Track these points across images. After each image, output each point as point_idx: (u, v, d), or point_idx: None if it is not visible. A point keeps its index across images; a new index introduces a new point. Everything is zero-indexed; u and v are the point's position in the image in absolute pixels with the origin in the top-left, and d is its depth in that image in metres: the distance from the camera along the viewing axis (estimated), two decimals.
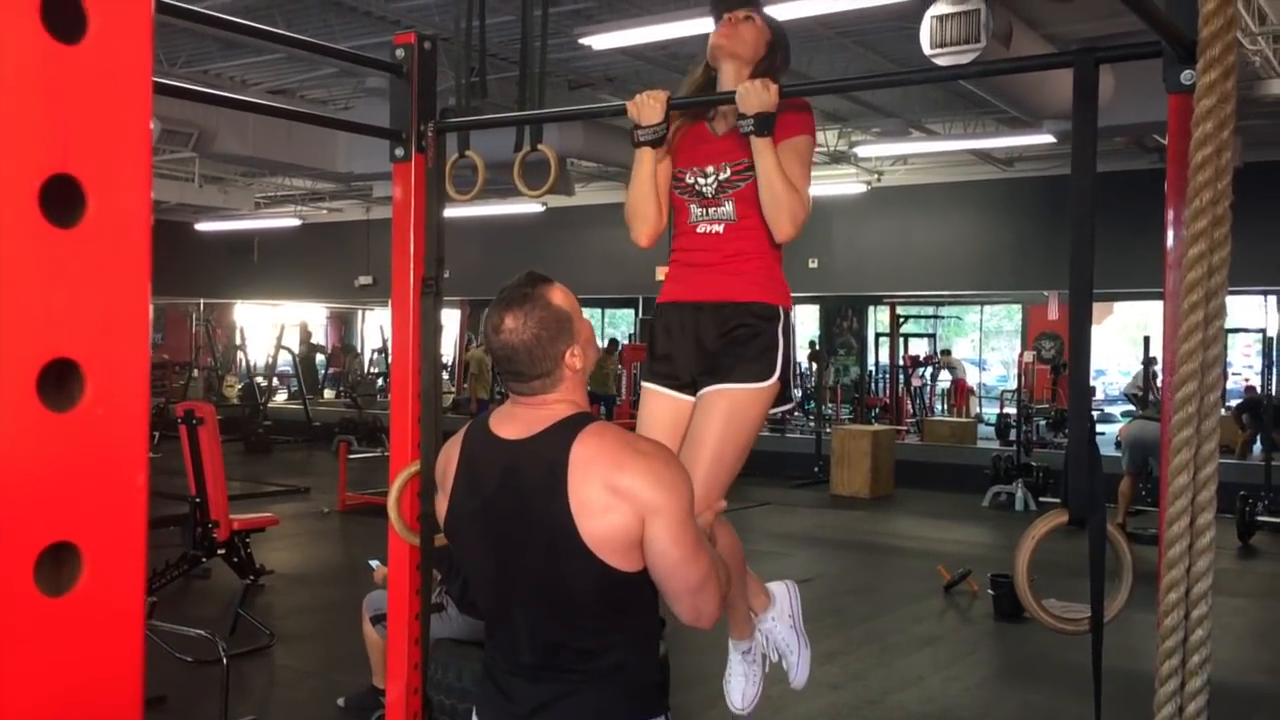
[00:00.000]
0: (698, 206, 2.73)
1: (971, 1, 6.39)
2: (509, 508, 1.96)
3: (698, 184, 2.73)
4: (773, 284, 2.72)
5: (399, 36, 2.99)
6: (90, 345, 0.46)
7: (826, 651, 5.93)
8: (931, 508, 11.12)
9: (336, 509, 10.18)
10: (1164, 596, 1.89)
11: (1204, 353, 1.90)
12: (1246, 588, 7.78)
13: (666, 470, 1.91)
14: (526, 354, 1.94)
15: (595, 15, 8.15)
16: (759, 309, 2.67)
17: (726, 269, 2.69)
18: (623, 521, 1.85)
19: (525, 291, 1.96)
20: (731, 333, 2.66)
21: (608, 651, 1.94)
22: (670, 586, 1.91)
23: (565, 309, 1.97)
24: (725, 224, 2.70)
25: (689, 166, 2.75)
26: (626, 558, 1.88)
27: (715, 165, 2.72)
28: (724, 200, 2.70)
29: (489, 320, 1.99)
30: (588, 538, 1.86)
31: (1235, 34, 1.94)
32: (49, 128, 0.44)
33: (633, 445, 1.94)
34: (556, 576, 1.91)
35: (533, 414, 1.98)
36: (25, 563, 0.44)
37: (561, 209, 14.94)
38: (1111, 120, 7.90)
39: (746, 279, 2.69)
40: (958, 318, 22.12)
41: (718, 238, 2.71)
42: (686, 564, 1.89)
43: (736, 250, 2.69)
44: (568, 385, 1.98)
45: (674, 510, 1.87)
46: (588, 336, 2.02)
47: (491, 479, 1.99)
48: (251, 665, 5.51)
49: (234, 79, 10.83)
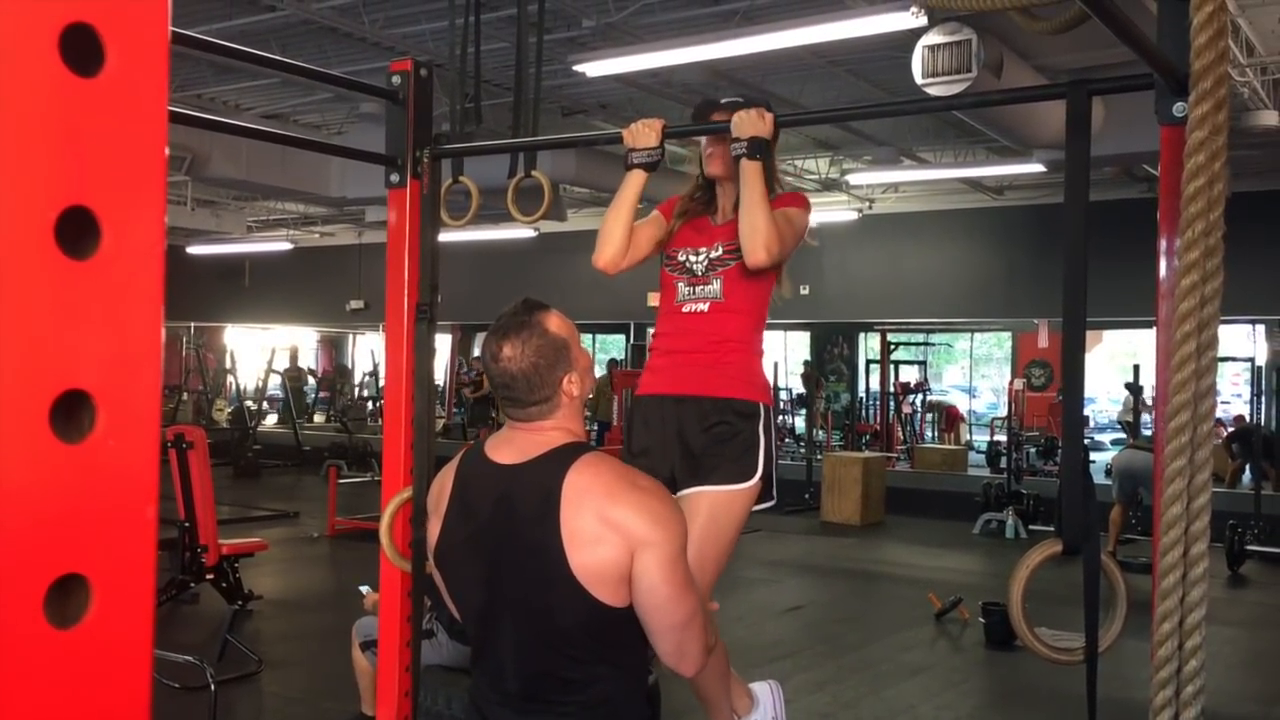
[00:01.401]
0: (686, 285, 2.76)
1: (963, 32, 6.44)
2: (501, 533, 1.94)
3: (689, 261, 2.77)
4: (754, 380, 2.75)
5: (395, 63, 3.01)
6: (102, 376, 0.46)
7: (817, 680, 5.90)
8: (922, 535, 11.11)
9: (326, 534, 10.12)
10: (1158, 626, 1.89)
11: (1197, 382, 1.90)
12: (1237, 616, 7.78)
13: (661, 506, 1.90)
14: (525, 381, 1.93)
15: (589, 43, 8.21)
16: (740, 406, 2.68)
17: (709, 359, 2.70)
18: (613, 554, 1.84)
19: (523, 319, 1.95)
20: (712, 429, 2.66)
21: (594, 683, 1.92)
22: (655, 623, 1.89)
23: (563, 336, 1.97)
24: (711, 303, 2.72)
25: (683, 247, 2.80)
26: (615, 592, 1.85)
27: (708, 245, 2.76)
28: (712, 278, 2.72)
29: (486, 347, 1.99)
30: (577, 570, 1.84)
31: (1226, 67, 1.96)
32: (65, 160, 0.44)
33: (628, 478, 1.93)
34: (544, 606, 1.90)
35: (528, 439, 1.97)
36: (35, 595, 0.44)
37: (554, 234, 14.97)
38: (1101, 150, 7.95)
39: (728, 374, 2.70)
40: (948, 345, 22.17)
41: (702, 318, 2.72)
42: (674, 601, 1.87)
43: (721, 338, 2.70)
44: (565, 413, 1.98)
45: (666, 546, 1.85)
46: (585, 365, 2.02)
47: (485, 504, 1.98)
48: (239, 692, 5.46)
49: (228, 103, 10.86)
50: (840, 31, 6.85)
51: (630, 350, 18.48)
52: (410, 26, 8.19)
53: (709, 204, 2.88)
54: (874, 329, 18.27)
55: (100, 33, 0.44)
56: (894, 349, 17.93)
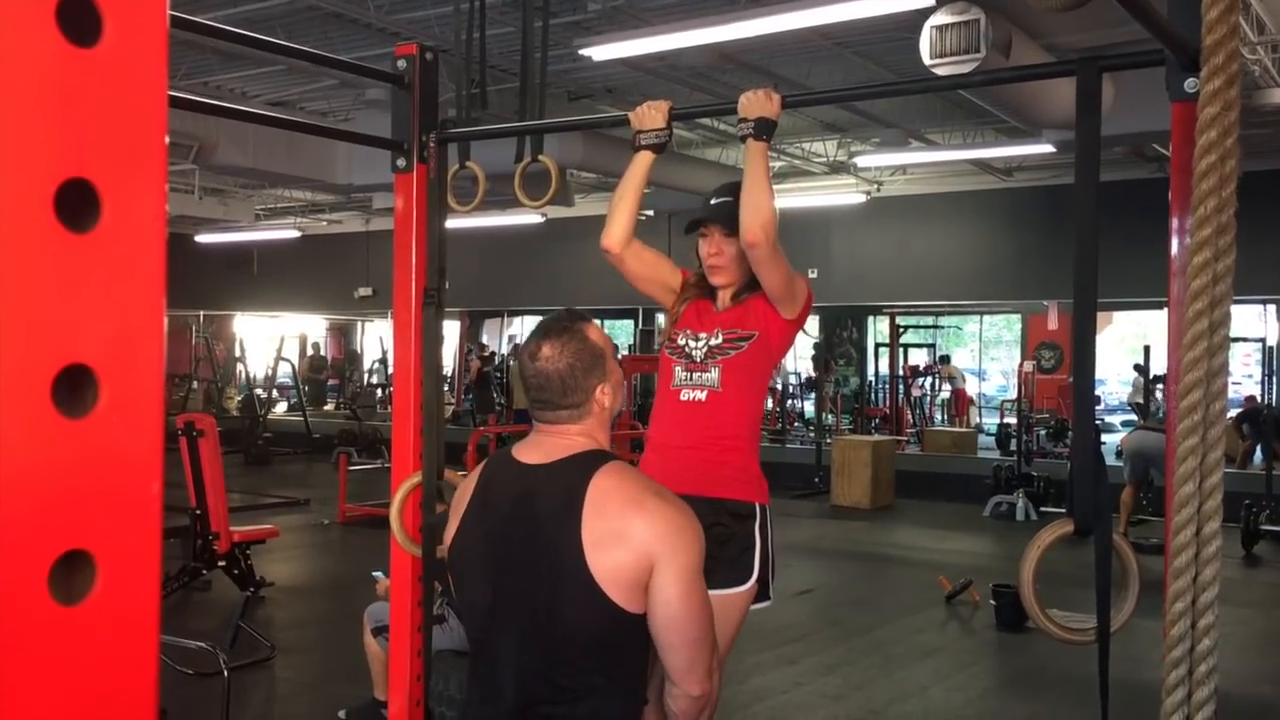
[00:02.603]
0: (683, 370, 2.75)
1: (971, 12, 6.39)
2: (519, 529, 1.96)
3: (688, 346, 2.76)
4: (751, 479, 2.73)
5: (401, 47, 2.99)
6: (105, 351, 0.45)
7: (828, 662, 5.91)
8: (932, 518, 11.10)
9: (336, 521, 10.15)
10: (1170, 606, 1.88)
11: (1209, 360, 1.89)
12: (1251, 597, 7.77)
13: (682, 519, 1.92)
14: (560, 382, 1.97)
15: (595, 27, 8.17)
16: (736, 508, 2.67)
17: (705, 457, 2.68)
18: (631, 559, 1.85)
19: (565, 324, 2.01)
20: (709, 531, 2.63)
21: (588, 695, 1.92)
22: (669, 637, 1.90)
23: (601, 346, 2.02)
24: (709, 392, 2.71)
25: (684, 329, 2.79)
26: (629, 596, 1.87)
27: (709, 331, 2.75)
28: (710, 366, 2.71)
29: (526, 348, 2.03)
30: (594, 569, 1.85)
31: (1238, 42, 1.94)
32: (64, 132, 0.43)
33: (653, 488, 1.96)
34: (555, 605, 1.90)
35: (555, 442, 2.00)
36: (39, 571, 0.44)
37: (561, 220, 14.95)
38: (1111, 130, 7.88)
39: (725, 474, 2.68)
40: (957, 327, 22.13)
41: (699, 408, 2.71)
42: (690, 617, 1.89)
43: (718, 433, 2.69)
44: (594, 421, 2.02)
45: (685, 561, 1.87)
46: (618, 379, 2.06)
47: (506, 501, 2.00)
48: (252, 678, 5.48)
49: (234, 91, 10.85)
50: (847, 12, 6.81)
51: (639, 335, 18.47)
52: (415, 11, 8.16)
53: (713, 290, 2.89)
54: (883, 312, 18.25)
55: (98, 3, 0.44)
56: (903, 332, 17.91)
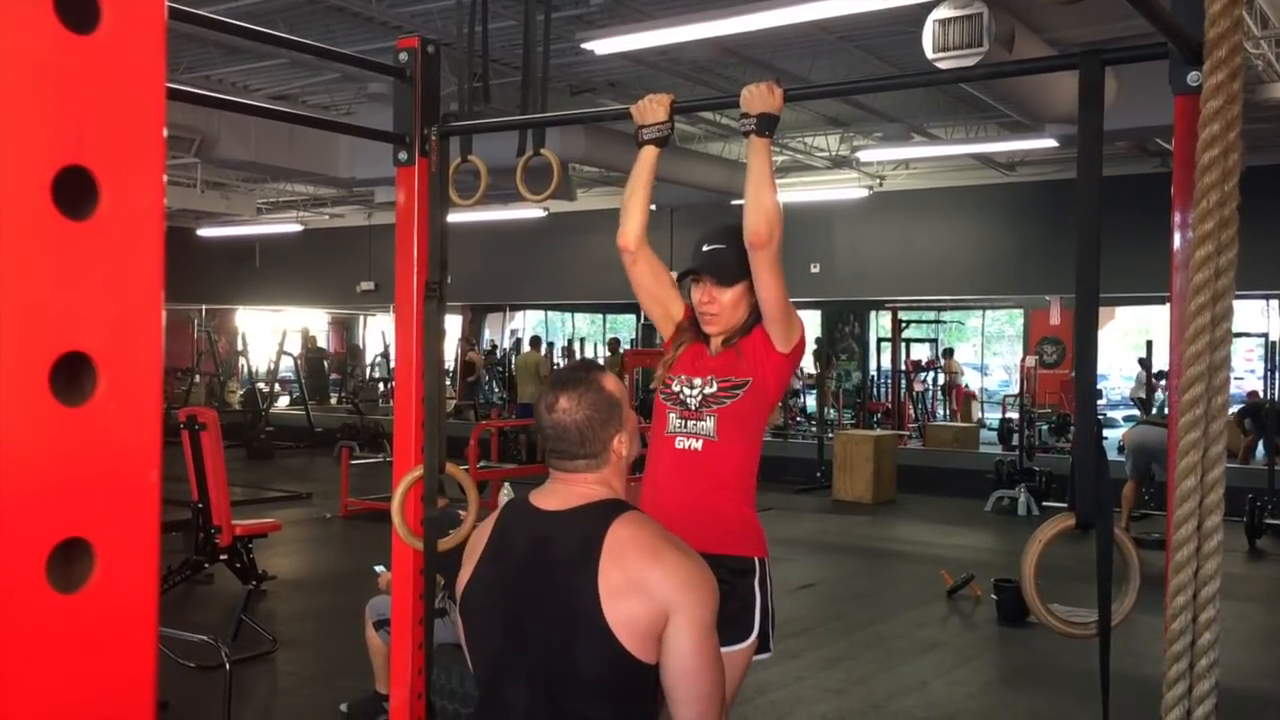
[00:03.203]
0: (678, 417, 2.73)
1: (974, 6, 6.38)
2: (534, 575, 1.96)
3: (683, 393, 2.74)
4: (749, 531, 2.72)
5: (402, 40, 2.98)
6: (103, 338, 0.45)
7: (829, 657, 5.91)
8: (934, 513, 11.10)
9: (339, 514, 10.16)
10: (1171, 600, 1.87)
11: (1211, 355, 1.89)
12: (1253, 592, 7.76)
13: (699, 572, 1.92)
14: (578, 433, 1.98)
15: (597, 20, 8.16)
16: (734, 563, 2.64)
17: (702, 511, 2.65)
18: (646, 611, 1.86)
19: (581, 375, 2.03)
20: None
21: None
22: (680, 690, 1.89)
23: (617, 396, 2.03)
24: (704, 441, 2.69)
25: (679, 374, 2.77)
26: (643, 646, 1.87)
27: (703, 378, 2.73)
28: (705, 415, 2.70)
29: (543, 399, 2.03)
30: (610, 617, 1.86)
31: (1241, 35, 1.94)
32: (62, 119, 0.43)
33: (670, 540, 1.96)
34: (568, 652, 1.90)
35: (572, 490, 2.01)
36: (38, 559, 0.44)
37: (563, 214, 14.94)
38: (1114, 124, 7.87)
39: (721, 527, 2.66)
40: (959, 322, 22.12)
41: (695, 458, 2.69)
42: (702, 671, 1.89)
43: (715, 483, 2.68)
44: (611, 470, 2.03)
45: (700, 615, 1.88)
46: (633, 427, 2.06)
47: (522, 546, 2.00)
48: (254, 671, 5.49)
49: (236, 84, 10.85)
50: (850, 6, 6.80)
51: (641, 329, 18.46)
52: (417, 5, 8.15)
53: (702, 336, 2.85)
54: (885, 307, 18.24)
55: None
56: (905, 327, 17.90)
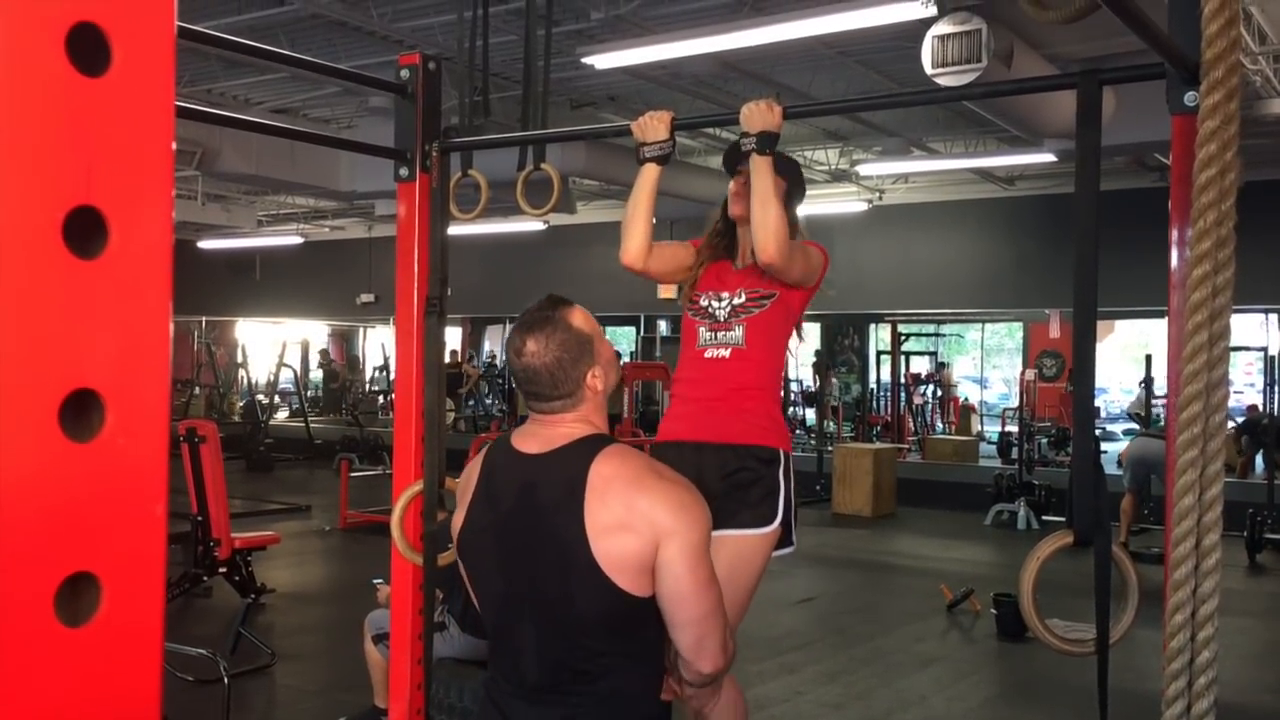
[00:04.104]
0: (707, 330, 2.78)
1: (973, 22, 6.41)
2: (525, 520, 1.96)
3: (711, 306, 2.79)
4: (774, 426, 2.76)
5: (404, 57, 3.00)
6: (111, 375, 0.46)
7: (828, 671, 5.90)
8: (933, 526, 11.09)
9: (338, 527, 10.15)
10: (1170, 618, 1.88)
11: (1209, 373, 1.89)
12: (1253, 607, 7.75)
13: (687, 495, 1.92)
14: (548, 376, 1.96)
15: (598, 35, 8.19)
16: (760, 453, 2.69)
17: (729, 406, 2.71)
18: (637, 544, 1.85)
19: (547, 314, 1.98)
20: (734, 475, 2.67)
21: (606, 675, 1.93)
22: (678, 615, 1.90)
23: (586, 331, 1.99)
24: (733, 349, 2.74)
25: (706, 291, 2.82)
26: (636, 581, 1.87)
27: (731, 291, 2.79)
28: (735, 324, 2.75)
29: (510, 343, 2.01)
30: (600, 557, 1.86)
31: (1238, 56, 1.95)
32: (73, 160, 0.44)
33: (654, 469, 1.96)
34: (565, 593, 1.91)
35: (552, 432, 2.00)
36: (46, 593, 0.45)
37: (563, 227, 14.96)
38: (1113, 140, 7.90)
39: (749, 420, 2.71)
40: (959, 335, 22.12)
41: (723, 364, 2.74)
42: (698, 593, 1.88)
43: (741, 384, 2.72)
44: (588, 406, 2.01)
45: (691, 538, 1.87)
46: (609, 358, 2.04)
47: (509, 492, 2.00)
48: (253, 685, 5.48)
49: (237, 98, 10.87)
50: (850, 22, 6.82)
51: (640, 343, 18.47)
52: (419, 20, 8.18)
53: (730, 246, 2.92)
54: (884, 320, 18.24)
55: (107, 32, 0.44)
56: (905, 340, 17.90)
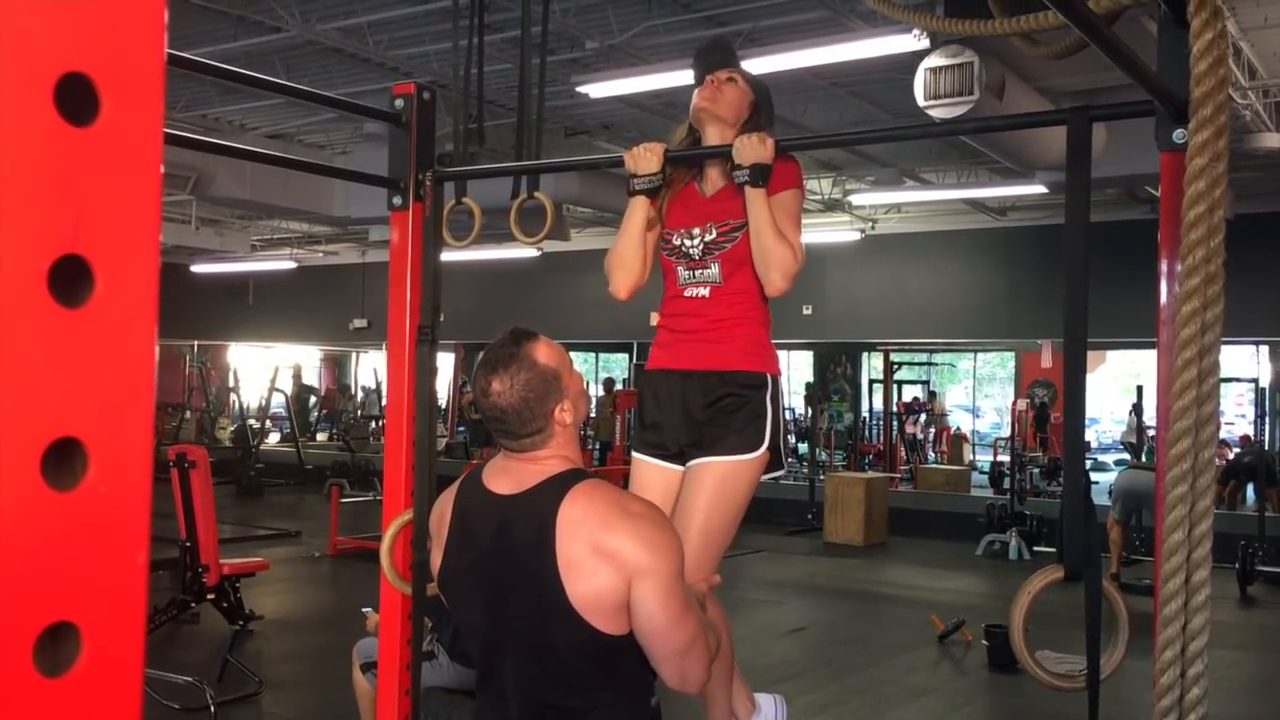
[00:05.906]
0: (685, 269, 2.74)
1: (965, 55, 6.45)
2: (501, 563, 1.94)
3: (684, 245, 2.73)
4: (759, 351, 2.70)
5: (398, 87, 3.01)
6: (95, 423, 0.46)
7: (819, 702, 5.88)
8: (925, 556, 11.07)
9: (328, 553, 10.11)
10: (1160, 654, 1.88)
11: (1198, 409, 1.90)
12: (1244, 639, 7.74)
13: (655, 532, 1.88)
14: (515, 415, 1.92)
15: (592, 64, 8.23)
16: (745, 378, 2.65)
17: (713, 336, 2.68)
18: (610, 584, 1.83)
19: (510, 352, 1.93)
20: (719, 403, 2.63)
21: (594, 710, 1.92)
22: (657, 650, 1.89)
23: (553, 366, 1.95)
24: (711, 287, 2.69)
25: (676, 228, 2.76)
26: (613, 621, 1.85)
27: (701, 226, 2.72)
28: (710, 262, 2.70)
29: (476, 382, 1.97)
30: (575, 599, 1.83)
31: (1227, 93, 1.96)
32: (60, 210, 0.44)
33: (622, 506, 1.92)
34: (544, 634, 1.89)
35: (524, 469, 1.97)
36: (25, 644, 0.44)
37: (557, 254, 15.00)
38: (1104, 172, 7.96)
39: (733, 347, 2.67)
40: (951, 365, 22.16)
41: (704, 302, 2.70)
42: (673, 628, 1.86)
43: (723, 316, 2.68)
44: (559, 440, 1.97)
45: (662, 573, 1.84)
46: (577, 390, 2.01)
47: (485, 534, 1.97)
48: (240, 713, 5.44)
49: (232, 123, 10.90)
50: (843, 54, 6.88)
51: (633, 369, 18.46)
52: (414, 48, 8.23)
53: (694, 168, 2.80)
54: (877, 349, 18.27)
55: (95, 82, 0.45)
56: (897, 369, 17.93)
